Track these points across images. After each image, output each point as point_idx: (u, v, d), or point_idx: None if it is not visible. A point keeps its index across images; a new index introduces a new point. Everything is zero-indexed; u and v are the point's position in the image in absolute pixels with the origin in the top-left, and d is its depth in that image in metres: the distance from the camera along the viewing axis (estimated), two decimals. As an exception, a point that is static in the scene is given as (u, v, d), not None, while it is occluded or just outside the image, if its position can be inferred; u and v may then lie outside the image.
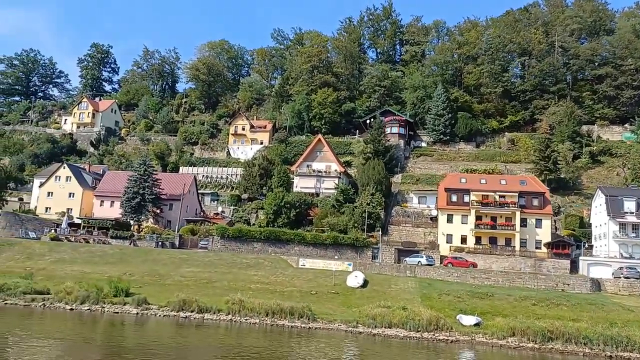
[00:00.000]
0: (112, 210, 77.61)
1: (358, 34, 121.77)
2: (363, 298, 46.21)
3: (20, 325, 34.15)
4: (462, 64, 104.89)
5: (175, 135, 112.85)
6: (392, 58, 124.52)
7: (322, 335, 36.35)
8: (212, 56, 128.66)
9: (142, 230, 70.96)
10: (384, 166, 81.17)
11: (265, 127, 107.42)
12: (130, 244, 63.41)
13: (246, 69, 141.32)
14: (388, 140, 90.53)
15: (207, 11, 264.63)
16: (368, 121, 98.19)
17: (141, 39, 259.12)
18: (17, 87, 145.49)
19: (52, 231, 64.76)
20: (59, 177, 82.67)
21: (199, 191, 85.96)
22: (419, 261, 56.73)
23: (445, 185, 68.81)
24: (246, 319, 38.03)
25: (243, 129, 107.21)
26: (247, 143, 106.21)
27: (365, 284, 49.20)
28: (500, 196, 65.18)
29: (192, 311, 38.80)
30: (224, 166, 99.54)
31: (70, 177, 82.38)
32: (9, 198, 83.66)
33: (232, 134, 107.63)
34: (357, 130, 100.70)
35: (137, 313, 39.06)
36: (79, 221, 69.75)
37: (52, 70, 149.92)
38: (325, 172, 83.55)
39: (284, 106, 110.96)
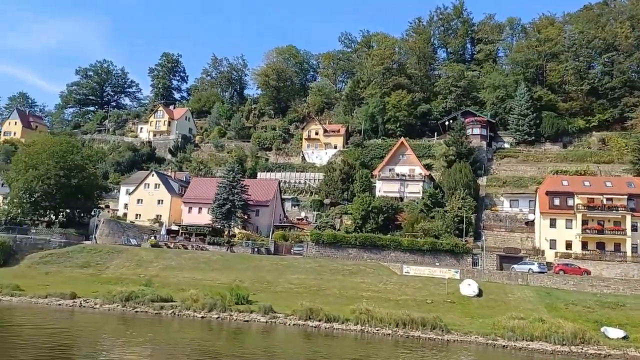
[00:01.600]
0: (200, 217, 78.90)
1: (428, 34, 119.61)
2: (483, 308, 44.71)
3: (159, 333, 34.69)
4: (544, 61, 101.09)
5: (248, 141, 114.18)
6: (463, 57, 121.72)
7: (459, 349, 35.18)
8: (280, 62, 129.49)
9: (233, 237, 71.75)
10: (471, 169, 79.23)
11: (338, 131, 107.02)
12: (227, 250, 64.04)
13: (312, 73, 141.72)
14: (470, 142, 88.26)
15: (268, 17, 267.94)
16: (447, 123, 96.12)
17: (194, 48, 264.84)
18: (91, 97, 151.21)
19: (152, 238, 66.26)
20: (148, 184, 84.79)
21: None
22: (530, 268, 54.51)
23: (546, 188, 66.12)
24: (377, 330, 37.28)
25: (316, 134, 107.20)
26: (320, 147, 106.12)
27: (480, 292, 47.63)
28: (608, 199, 62.01)
29: (319, 320, 38.41)
30: (301, 171, 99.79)
31: (159, 184, 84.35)
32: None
33: (305, 139, 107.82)
34: (435, 133, 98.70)
35: (266, 321, 39.01)
36: (176, 228, 71.10)
37: (124, 80, 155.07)
38: (409, 175, 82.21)
39: (356, 110, 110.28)
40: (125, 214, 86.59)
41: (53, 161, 69.48)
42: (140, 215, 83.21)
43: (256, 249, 64.61)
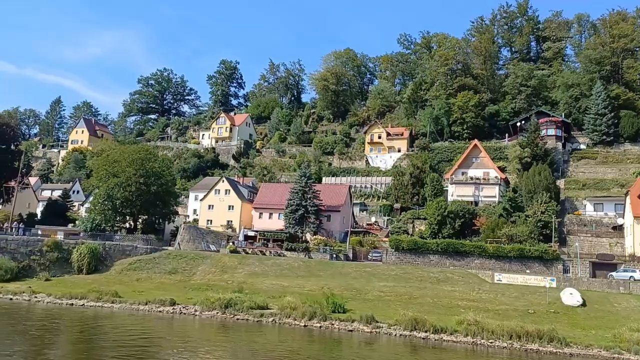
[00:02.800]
0: (271, 222, 79.10)
1: (492, 33, 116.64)
2: (590, 318, 42.45)
3: (260, 340, 34.43)
4: (619, 58, 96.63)
5: (309, 146, 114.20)
6: (529, 56, 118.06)
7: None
8: (338, 65, 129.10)
9: (306, 242, 71.40)
10: (550, 171, 76.24)
11: (402, 134, 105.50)
12: (305, 256, 63.67)
13: (369, 76, 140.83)
14: (545, 143, 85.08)
15: (318, 22, 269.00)
16: (518, 124, 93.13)
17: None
18: (152, 105, 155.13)
19: (231, 244, 66.67)
20: (219, 190, 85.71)
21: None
22: (631, 276, 51.62)
23: (638, 191, 62.68)
24: (490, 342, 35.79)
25: (379, 137, 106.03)
26: (384, 151, 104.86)
27: (584, 302, 45.28)
28: None
29: (426, 331, 37.24)
30: (365, 175, 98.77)
31: (229, 190, 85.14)
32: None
33: (368, 143, 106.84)
34: (507, 134, 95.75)
35: (370, 332, 38.16)
36: (252, 234, 71.39)
37: (183, 88, 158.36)
38: (484, 179, 79.88)
39: (420, 112, 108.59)
40: (195, 220, 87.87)
41: (133, 168, 71.00)
42: (211, 221, 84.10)
43: (334, 255, 63.96)
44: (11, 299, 45.82)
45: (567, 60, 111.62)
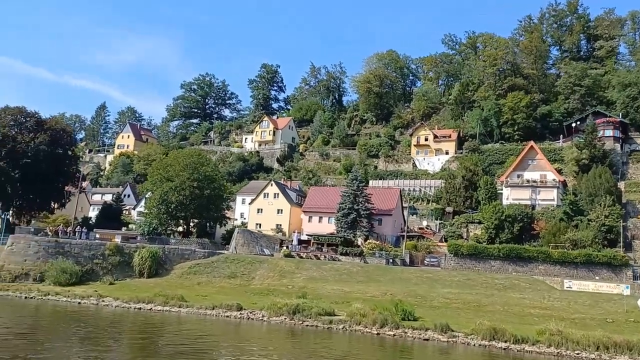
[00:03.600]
0: (321, 226, 78.52)
1: (540, 32, 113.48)
2: (676, 329, 40.19)
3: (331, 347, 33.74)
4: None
5: (353, 149, 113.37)
6: (579, 55, 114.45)
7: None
8: (380, 67, 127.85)
9: (357, 247, 70.51)
10: (611, 174, 73.44)
11: (449, 136, 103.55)
12: (360, 261, 62.80)
13: (411, 78, 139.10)
14: (603, 145, 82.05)
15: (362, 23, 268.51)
16: (574, 125, 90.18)
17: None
18: (195, 110, 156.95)
19: (285, 248, 66.37)
20: (267, 194, 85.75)
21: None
22: None
23: None
24: (577, 353, 34.18)
25: (426, 140, 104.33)
26: (431, 154, 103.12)
27: (665, 311, 43.07)
28: None
29: (506, 341, 35.83)
30: (413, 178, 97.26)
31: (278, 194, 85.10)
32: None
33: (414, 145, 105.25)
34: (561, 136, 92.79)
35: (447, 341, 36.98)
36: (306, 237, 70.96)
37: (224, 92, 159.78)
38: (541, 181, 77.48)
39: (468, 113, 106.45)
40: (242, 223, 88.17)
41: (187, 173, 71.53)
42: (260, 224, 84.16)
43: (391, 260, 62.89)
44: (79, 302, 46.44)
45: (621, 58, 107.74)
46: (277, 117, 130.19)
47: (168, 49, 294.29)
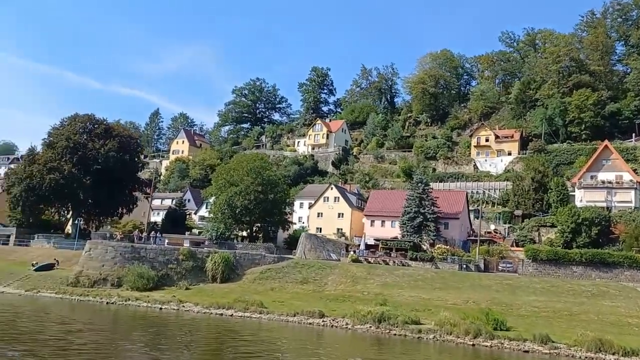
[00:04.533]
0: (383, 230, 77.06)
1: (604, 27, 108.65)
2: None
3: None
4: None
5: (408, 151, 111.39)
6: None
7: None
8: (435, 67, 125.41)
9: (425, 251, 68.68)
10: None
11: (512, 136, 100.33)
12: (431, 266, 60.96)
13: (465, 77, 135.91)
14: (682, 143, 77.60)
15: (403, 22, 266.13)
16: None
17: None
18: (246, 114, 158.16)
19: (352, 253, 65.26)
20: (327, 197, 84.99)
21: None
22: None
23: None
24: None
25: (486, 140, 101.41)
26: (492, 155, 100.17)
27: None
28: None
29: (614, 353, 33.55)
30: (475, 180, 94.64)
31: (338, 197, 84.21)
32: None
33: (474, 146, 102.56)
34: (633, 134, 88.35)
35: (549, 352, 34.97)
36: (372, 242, 69.70)
37: (274, 97, 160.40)
38: (617, 182, 73.75)
39: (530, 113, 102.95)
40: (301, 227, 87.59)
41: (251, 177, 71.53)
42: (321, 228, 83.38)
43: (464, 266, 60.85)
44: (161, 308, 46.57)
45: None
46: (330, 120, 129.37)
47: (210, 55, 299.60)
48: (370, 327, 40.49)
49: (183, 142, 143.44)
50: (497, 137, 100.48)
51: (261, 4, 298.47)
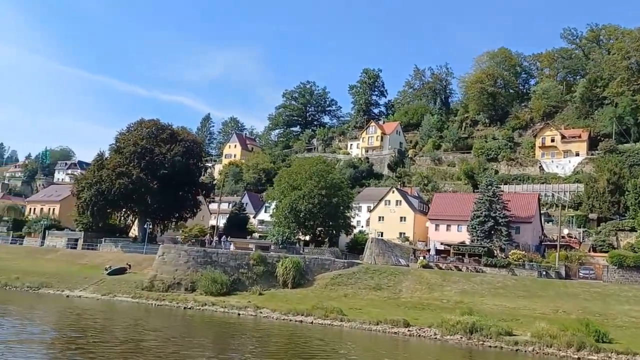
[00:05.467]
0: (449, 235, 74.66)
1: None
2: None
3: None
4: None
5: (467, 153, 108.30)
6: None
7: None
8: (492, 66, 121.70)
9: (499, 257, 65.93)
10: None
11: (579, 136, 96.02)
12: (508, 273, 58.26)
13: (524, 75, 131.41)
14: None
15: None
16: None
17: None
18: (296, 118, 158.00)
19: (422, 258, 63.27)
20: (389, 201, 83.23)
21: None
22: None
23: None
24: None
25: (552, 141, 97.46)
26: (559, 155, 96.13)
27: None
28: None
29: None
30: (542, 182, 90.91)
31: (400, 201, 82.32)
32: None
33: (539, 147, 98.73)
34: None
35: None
36: (442, 247, 67.48)
37: (324, 100, 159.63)
38: None
39: (598, 111, 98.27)
40: (361, 232, 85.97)
41: (314, 180, 70.55)
42: (382, 232, 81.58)
43: (543, 272, 57.92)
44: (239, 314, 46.03)
45: None
46: (384, 123, 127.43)
47: (250, 61, 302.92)
48: (461, 338, 38.58)
49: (235, 146, 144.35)
50: (563, 137, 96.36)
51: (304, 8, 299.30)
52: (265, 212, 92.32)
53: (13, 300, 47.79)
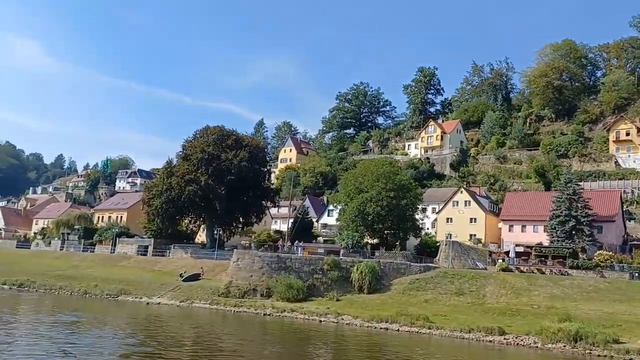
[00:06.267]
0: (524, 236, 71.35)
1: None
2: None
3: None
4: None
5: (535, 149, 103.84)
6: None
7: None
8: (557, 59, 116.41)
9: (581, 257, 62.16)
10: None
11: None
12: (596, 275, 54.67)
13: (589, 67, 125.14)
14: None
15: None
16: None
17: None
18: (350, 120, 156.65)
19: (501, 261, 60.42)
20: (457, 202, 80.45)
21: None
22: None
23: None
24: None
25: (627, 134, 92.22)
26: (635, 150, 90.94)
27: None
28: None
29: None
30: (619, 178, 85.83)
31: (470, 201, 79.41)
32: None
33: (613, 141, 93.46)
34: None
35: None
36: (521, 249, 64.40)
37: (378, 101, 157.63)
38: None
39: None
40: (426, 234, 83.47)
41: (381, 183, 68.92)
42: (450, 234, 78.69)
43: (635, 274, 53.98)
44: (320, 321, 44.94)
45: None
46: (443, 121, 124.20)
47: (290, 66, 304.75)
48: (564, 346, 35.99)
49: (290, 150, 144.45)
50: (639, 130, 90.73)
51: (344, 11, 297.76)
52: (328, 215, 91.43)
53: (95, 309, 48.55)
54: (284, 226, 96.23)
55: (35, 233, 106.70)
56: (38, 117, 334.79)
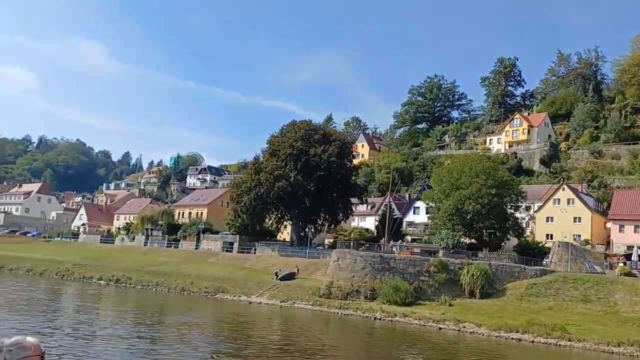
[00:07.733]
0: (637, 237, 65.29)
1: None
2: None
3: None
4: None
5: (634, 144, 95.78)
6: None
7: None
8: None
9: None
10: None
11: None
12: None
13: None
14: None
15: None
16: None
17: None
18: (423, 114, 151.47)
19: (621, 264, 55.03)
20: (558, 200, 74.81)
21: None
22: None
23: None
24: None
25: None
26: None
27: None
28: None
29: None
30: None
31: (573, 199, 73.58)
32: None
33: None
34: None
35: None
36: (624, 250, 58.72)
37: (452, 94, 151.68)
38: None
39: None
40: (520, 234, 78.11)
41: (481, 179, 64.57)
42: (551, 235, 73.37)
43: None
44: (440, 328, 41.62)
45: None
46: (529, 114, 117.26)
47: (341, 62, 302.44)
48: None
49: (363, 145, 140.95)
50: None
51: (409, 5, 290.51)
52: (414, 213, 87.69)
53: (202, 308, 47.38)
54: (362, 223, 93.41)
55: (118, 228, 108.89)
56: (102, 116, 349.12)
